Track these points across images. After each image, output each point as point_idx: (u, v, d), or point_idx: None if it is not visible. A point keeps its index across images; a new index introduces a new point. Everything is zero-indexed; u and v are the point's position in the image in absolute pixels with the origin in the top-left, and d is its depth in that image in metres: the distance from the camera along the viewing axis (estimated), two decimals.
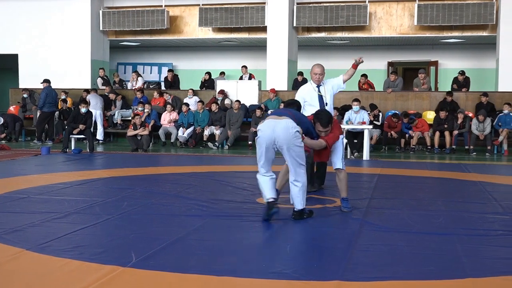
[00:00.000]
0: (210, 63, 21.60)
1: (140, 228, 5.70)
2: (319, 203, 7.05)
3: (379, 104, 15.78)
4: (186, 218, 6.19)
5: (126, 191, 7.82)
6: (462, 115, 14.83)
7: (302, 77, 17.33)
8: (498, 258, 4.76)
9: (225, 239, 5.26)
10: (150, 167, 10.94)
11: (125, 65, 22.93)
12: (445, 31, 17.20)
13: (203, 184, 8.80)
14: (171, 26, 18.48)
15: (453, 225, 5.95)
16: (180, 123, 15.80)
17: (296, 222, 6.01)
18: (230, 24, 17.65)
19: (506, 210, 6.79)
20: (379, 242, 5.27)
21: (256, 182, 8.85)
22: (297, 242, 5.35)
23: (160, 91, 17.48)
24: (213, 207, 6.77)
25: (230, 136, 15.29)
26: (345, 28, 17.59)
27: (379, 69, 20.76)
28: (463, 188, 8.68)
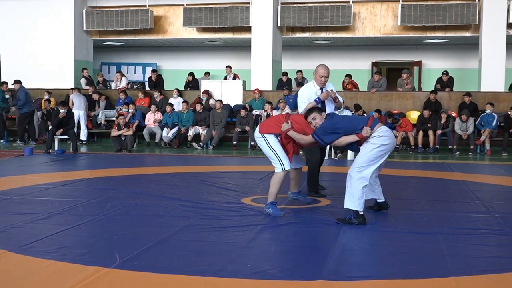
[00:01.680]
0: (195, 63, 21.56)
1: (124, 228, 5.68)
2: (304, 203, 7.05)
3: (363, 104, 15.84)
4: (170, 218, 6.17)
5: (110, 192, 7.78)
6: (446, 115, 14.93)
7: (286, 77, 17.37)
8: (481, 257, 4.80)
9: (209, 240, 5.25)
10: (134, 168, 10.89)
11: (109, 65, 22.83)
12: (428, 31, 17.32)
13: (188, 184, 8.78)
14: (155, 26, 18.43)
15: (436, 224, 5.98)
16: (164, 123, 15.75)
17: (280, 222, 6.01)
18: (215, 24, 17.64)
19: (489, 209, 6.85)
20: (363, 241, 5.29)
21: (241, 182, 8.92)
22: (281, 242, 5.35)
23: (145, 91, 17.42)
24: (197, 207, 6.75)
25: (215, 136, 15.27)
26: (329, 28, 17.65)
27: (363, 69, 20.85)
28: (447, 188, 8.74)
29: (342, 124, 6.07)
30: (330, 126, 6.06)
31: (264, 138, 6.44)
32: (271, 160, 6.49)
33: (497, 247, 5.16)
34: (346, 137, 6.05)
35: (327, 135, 6.06)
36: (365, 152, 5.99)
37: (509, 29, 16.46)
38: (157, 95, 16.86)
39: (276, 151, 6.38)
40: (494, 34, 16.22)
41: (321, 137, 6.08)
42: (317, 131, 6.10)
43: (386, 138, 5.98)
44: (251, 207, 6.85)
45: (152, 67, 21.33)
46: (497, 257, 4.83)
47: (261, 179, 9.17)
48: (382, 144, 5.95)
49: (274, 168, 6.47)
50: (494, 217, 6.38)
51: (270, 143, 6.41)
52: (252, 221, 6.02)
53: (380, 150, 5.96)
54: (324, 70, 7.21)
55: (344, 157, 12.91)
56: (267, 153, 6.48)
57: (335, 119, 6.16)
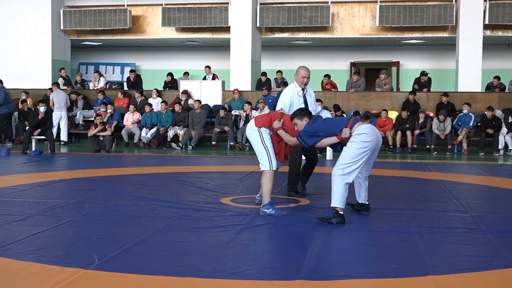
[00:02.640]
0: (173, 63, 21.49)
1: (102, 229, 5.64)
2: (283, 203, 7.07)
3: (342, 104, 15.92)
4: (149, 219, 6.14)
5: (88, 193, 7.72)
6: (423, 115, 15.05)
7: (265, 78, 17.38)
8: (458, 256, 4.85)
9: (189, 240, 5.23)
10: (113, 168, 10.83)
11: (87, 65, 22.66)
12: (406, 32, 17.45)
13: (167, 184, 8.74)
14: (133, 25, 18.33)
15: (414, 223, 6.03)
16: (143, 124, 15.68)
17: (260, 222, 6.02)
18: (193, 24, 17.60)
19: (466, 208, 6.92)
20: (342, 241, 5.32)
21: (220, 182, 8.92)
22: (261, 242, 5.35)
23: (125, 92, 17.33)
24: (176, 208, 6.73)
25: (194, 136, 15.24)
26: (308, 29, 17.71)
27: (342, 69, 20.94)
28: (424, 187, 8.81)
29: (322, 127, 6.18)
30: (312, 129, 6.18)
31: (259, 131, 6.45)
32: (259, 156, 6.45)
33: (474, 246, 5.22)
34: (326, 139, 6.17)
35: (309, 137, 6.19)
36: (346, 151, 6.08)
37: (485, 30, 16.65)
38: (138, 96, 16.79)
39: (268, 148, 6.41)
40: (471, 35, 16.40)
41: (304, 140, 6.21)
42: (301, 133, 6.24)
43: (366, 136, 6.02)
44: (231, 207, 6.84)
45: (131, 67, 21.23)
46: (474, 255, 4.88)
47: (241, 180, 9.17)
48: (362, 141, 6.00)
49: (260, 166, 6.45)
50: (471, 216, 6.44)
51: (264, 138, 6.42)
52: (232, 221, 6.02)
53: (361, 147, 6.01)
54: (305, 71, 7.26)
55: (323, 157, 12.95)
56: (258, 148, 6.45)
57: (316, 122, 6.25)
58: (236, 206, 6.88)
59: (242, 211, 6.59)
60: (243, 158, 13.21)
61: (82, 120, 16.72)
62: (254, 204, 6.95)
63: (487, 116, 14.71)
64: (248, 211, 6.56)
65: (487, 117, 14.71)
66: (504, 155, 14.32)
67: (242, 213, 6.47)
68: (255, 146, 6.51)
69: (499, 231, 5.71)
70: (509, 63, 19.61)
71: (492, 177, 10.09)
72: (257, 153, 6.49)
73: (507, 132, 14.59)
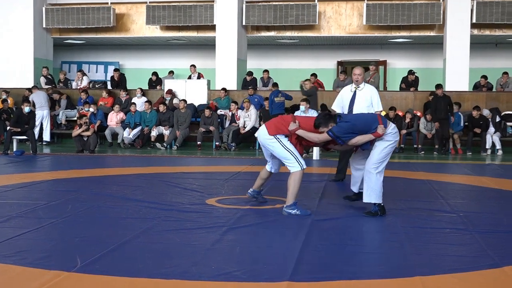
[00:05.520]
0: (158, 62, 21.42)
1: (85, 231, 5.61)
2: (269, 204, 7.07)
3: (329, 104, 15.89)
4: (133, 220, 6.12)
5: (71, 194, 7.68)
6: (410, 115, 15.12)
7: (251, 77, 17.35)
8: (446, 256, 4.88)
9: (173, 242, 5.22)
10: (96, 169, 10.78)
11: (70, 63, 22.53)
12: (393, 30, 17.53)
13: (151, 185, 8.73)
14: (117, 24, 18.27)
15: (401, 224, 6.05)
16: (127, 123, 15.63)
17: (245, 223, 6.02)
18: (178, 22, 17.56)
19: (453, 208, 6.96)
20: (328, 242, 5.33)
21: (205, 183, 8.91)
22: (246, 243, 5.35)
23: (109, 91, 17.27)
24: (161, 209, 6.71)
25: (179, 136, 15.21)
26: (295, 27, 17.74)
27: (329, 68, 20.99)
28: (411, 187, 8.85)
29: (358, 126, 6.34)
30: (347, 126, 6.30)
31: (277, 139, 6.46)
32: (285, 160, 6.49)
33: (461, 246, 5.25)
34: (362, 136, 6.35)
35: (344, 134, 6.29)
36: (380, 149, 6.39)
37: (472, 29, 16.77)
38: (124, 95, 16.73)
39: (291, 150, 6.44)
40: (458, 34, 16.51)
41: (338, 136, 6.27)
42: (334, 129, 6.28)
43: (397, 134, 6.48)
44: (216, 208, 6.83)
45: (115, 66, 21.14)
46: (461, 255, 4.91)
47: (226, 180, 9.16)
48: (395, 140, 6.44)
49: (290, 168, 6.47)
50: (459, 216, 6.48)
51: (284, 143, 6.45)
52: (217, 222, 6.01)
53: (393, 146, 6.44)
54: (356, 70, 7.88)
55: (309, 157, 12.97)
56: (281, 154, 6.47)
57: (351, 120, 6.41)
58: (222, 207, 6.87)
59: (227, 212, 6.59)
60: (228, 158, 13.20)
61: (64, 120, 16.62)
62: (240, 204, 6.95)
63: (474, 116, 14.79)
64: (233, 212, 6.56)
65: (474, 117, 14.79)
66: (492, 154, 14.42)
67: (228, 214, 6.46)
68: (277, 153, 6.53)
69: (486, 231, 5.75)
70: (496, 62, 19.74)
71: (480, 176, 10.16)
72: (281, 158, 6.53)
73: (495, 132, 14.70)
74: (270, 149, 6.59)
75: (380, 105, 7.93)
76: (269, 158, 6.86)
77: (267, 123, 6.73)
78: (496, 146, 14.62)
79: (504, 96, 16.27)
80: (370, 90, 7.93)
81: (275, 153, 6.56)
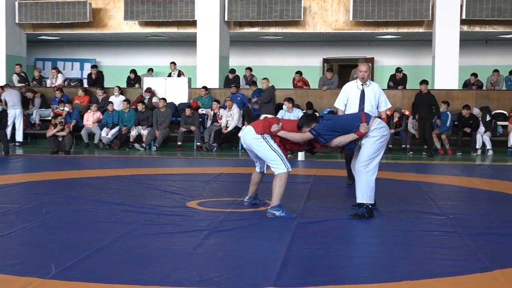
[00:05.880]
0: (137, 59, 21.36)
1: (60, 236, 5.58)
2: (252, 207, 7.07)
3: (314, 103, 15.92)
4: (110, 224, 6.10)
5: (45, 197, 7.63)
6: (399, 114, 15.18)
7: (233, 75, 17.34)
8: (435, 259, 4.90)
9: (152, 247, 5.21)
10: (72, 171, 10.75)
11: (44, 60, 22.41)
12: (381, 27, 17.61)
13: (129, 188, 8.70)
14: (94, 19, 18.17)
15: (389, 226, 6.08)
16: (104, 123, 15.56)
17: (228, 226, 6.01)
18: (158, 18, 17.51)
19: (442, 210, 7.00)
20: (314, 246, 5.33)
21: (186, 185, 8.89)
22: (229, 247, 5.34)
23: (85, 89, 17.18)
24: (140, 212, 6.69)
25: (158, 136, 15.17)
26: (279, 23, 17.76)
27: (314, 65, 21.05)
28: (399, 188, 8.90)
29: (339, 124, 6.47)
30: (329, 124, 6.43)
31: (264, 138, 6.51)
32: (271, 162, 6.52)
33: (451, 249, 5.28)
34: (345, 136, 6.45)
35: (326, 132, 6.39)
36: (368, 146, 6.46)
37: (462, 25, 16.88)
38: (101, 93, 16.66)
39: (278, 151, 6.49)
40: (448, 30, 16.63)
41: (321, 134, 6.38)
42: (316, 127, 6.39)
43: (384, 129, 6.52)
44: (197, 211, 6.83)
45: (91, 63, 21.05)
46: (451, 259, 4.94)
47: (208, 182, 9.15)
48: (383, 135, 6.46)
49: (275, 169, 6.51)
50: (448, 218, 6.53)
51: (271, 144, 6.51)
52: (198, 226, 6.01)
53: (381, 141, 6.48)
54: (362, 66, 7.97)
55: (294, 157, 12.99)
56: (267, 154, 6.51)
57: (332, 120, 6.55)
58: (203, 210, 6.87)
59: (209, 215, 6.58)
60: (210, 159, 13.18)
61: (38, 120, 16.51)
62: (223, 207, 6.94)
63: (463, 115, 14.86)
64: (215, 215, 6.55)
65: (463, 116, 14.87)
66: (482, 155, 14.51)
67: (210, 217, 6.46)
68: (263, 153, 6.56)
69: (476, 234, 5.79)
70: (486, 59, 19.91)
71: (470, 177, 10.24)
72: (267, 159, 6.56)
73: (485, 131, 14.80)
74: (256, 150, 6.60)
75: (388, 102, 8.17)
76: (256, 158, 6.89)
77: (253, 123, 6.79)
78: (486, 146, 14.70)
79: (495, 95, 16.41)
80: (377, 86, 8.14)
81: (261, 154, 6.58)
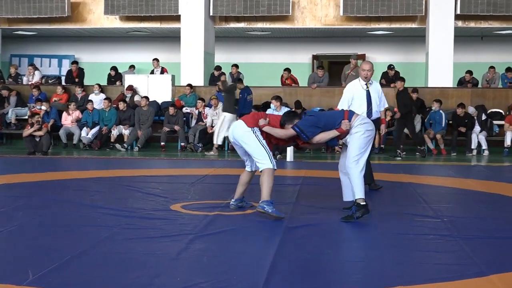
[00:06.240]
0: (118, 55, 21.30)
1: (37, 241, 5.55)
2: (239, 210, 7.07)
3: (303, 101, 15.97)
4: (90, 229, 6.08)
5: (22, 200, 7.60)
6: (391, 113, 15.21)
7: (219, 72, 17.32)
8: (429, 264, 4.93)
9: (135, 251, 5.19)
10: (50, 172, 10.70)
11: (20, 57, 22.29)
12: (372, 22, 17.65)
13: (110, 190, 8.69)
14: (72, 13, 18.09)
15: (381, 230, 6.10)
16: (84, 122, 15.51)
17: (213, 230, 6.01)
18: (140, 12, 17.46)
19: (437, 213, 7.03)
20: (303, 250, 5.34)
21: (170, 187, 8.88)
22: (214, 252, 5.34)
23: (64, 87, 17.11)
24: (121, 215, 6.67)
25: (140, 136, 15.14)
26: (266, 18, 17.75)
27: (303, 62, 21.06)
28: (392, 190, 8.93)
29: (322, 120, 6.57)
30: (311, 119, 6.54)
31: (253, 131, 6.61)
32: (257, 156, 6.59)
33: (445, 253, 5.30)
34: (326, 133, 6.56)
35: (308, 128, 6.49)
36: (354, 142, 6.53)
37: (457, 20, 16.96)
38: (80, 91, 16.59)
39: (265, 147, 6.58)
40: (442, 26, 16.69)
41: (303, 130, 6.47)
42: (300, 124, 6.50)
43: (368, 125, 6.61)
44: (181, 214, 6.82)
45: (70, 60, 20.96)
46: (446, 264, 4.96)
47: (192, 184, 9.14)
48: (367, 130, 6.54)
49: (260, 165, 6.58)
50: (443, 221, 6.55)
51: (260, 138, 6.61)
52: (183, 229, 6.00)
53: (366, 136, 6.54)
54: (365, 65, 8.13)
55: (283, 157, 13.01)
56: (255, 148, 6.59)
57: (315, 116, 6.66)
58: (188, 213, 6.86)
59: (194, 218, 6.58)
60: (195, 160, 13.17)
61: (14, 119, 16.42)
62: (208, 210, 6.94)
63: (458, 114, 14.93)
64: (200, 218, 6.54)
65: (458, 115, 14.93)
66: (478, 155, 14.59)
67: (194, 220, 6.45)
68: (251, 147, 6.62)
69: (472, 237, 5.82)
70: (482, 56, 20.00)
71: (465, 179, 10.29)
72: (255, 153, 6.62)
73: (480, 131, 14.86)
74: (245, 143, 6.66)
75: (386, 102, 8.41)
76: (245, 156, 6.91)
77: (243, 118, 6.92)
78: (482, 146, 14.78)
79: (491, 93, 16.50)
80: (378, 85, 8.37)
81: (249, 148, 6.63)
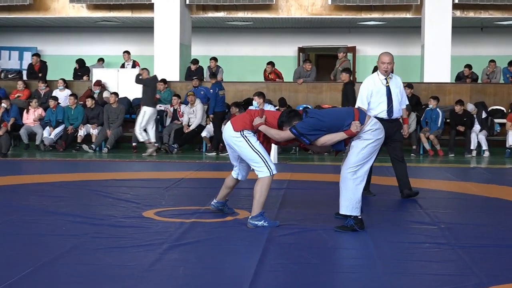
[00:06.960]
0: (85, 47, 21.20)
1: None
2: (218, 217, 7.07)
3: (289, 98, 15.99)
4: (55, 238, 6.07)
5: None
6: None
7: (196, 66, 17.30)
8: (425, 274, 4.96)
9: (104, 262, 5.18)
10: (9, 176, 10.67)
11: None
12: (363, 12, 17.71)
13: (77, 195, 8.65)
14: (35, 1, 17.98)
15: (373, 238, 6.11)
16: (47, 121, 15.43)
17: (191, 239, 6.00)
18: (109, 1, 17.41)
19: (433, 220, 7.07)
20: (289, 260, 5.35)
21: (142, 192, 8.86)
22: (192, 263, 5.33)
23: (25, 82, 17.02)
24: (89, 223, 6.65)
25: (110, 136, 15.09)
26: (248, 7, 17.76)
27: (288, 55, 21.09)
28: (386, 195, 8.95)
29: (326, 123, 6.22)
30: (313, 122, 6.21)
31: (244, 137, 6.47)
32: (253, 164, 6.52)
33: (443, 263, 5.34)
34: (332, 135, 6.23)
35: (309, 131, 6.19)
36: (358, 150, 6.26)
37: (455, 10, 17.03)
38: (43, 87, 16.51)
39: (260, 152, 6.46)
40: (439, 16, 16.77)
41: (302, 132, 6.19)
42: (297, 125, 6.21)
43: (379, 131, 6.32)
44: (155, 222, 6.81)
45: (32, 52, 20.84)
46: (443, 274, 4.99)
47: (167, 188, 9.13)
48: (377, 138, 6.28)
49: (257, 173, 6.50)
50: (440, 228, 6.59)
51: (252, 143, 6.47)
52: (156, 238, 5.98)
53: (375, 145, 6.29)
54: (386, 57, 7.95)
55: None
56: (248, 155, 6.50)
57: (317, 117, 6.26)
58: (162, 221, 6.85)
59: (168, 226, 6.56)
60: (170, 162, 13.15)
61: None
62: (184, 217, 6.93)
63: (456, 111, 14.99)
64: (176, 226, 6.53)
65: (456, 113, 14.99)
66: (477, 156, 14.67)
67: (169, 228, 6.44)
68: (244, 154, 6.55)
69: (471, 246, 5.85)
70: (482, 49, 20.11)
71: (463, 182, 10.36)
72: (248, 160, 6.56)
73: (480, 130, 14.92)
74: (236, 150, 6.61)
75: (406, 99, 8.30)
76: (236, 162, 6.87)
77: (233, 118, 6.80)
78: (482, 146, 14.85)
79: (491, 88, 16.60)
80: (400, 79, 8.26)
81: (242, 154, 6.59)
